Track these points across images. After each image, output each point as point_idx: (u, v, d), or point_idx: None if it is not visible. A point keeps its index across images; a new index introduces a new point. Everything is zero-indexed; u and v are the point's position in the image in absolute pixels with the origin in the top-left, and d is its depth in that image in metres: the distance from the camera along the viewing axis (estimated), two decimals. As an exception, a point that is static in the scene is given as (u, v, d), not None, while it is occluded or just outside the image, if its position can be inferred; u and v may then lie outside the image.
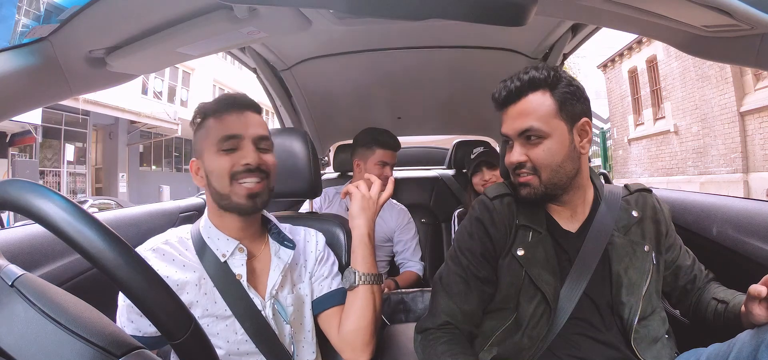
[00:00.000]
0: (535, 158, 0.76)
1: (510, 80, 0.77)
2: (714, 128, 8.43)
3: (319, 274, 0.86)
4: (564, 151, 0.75)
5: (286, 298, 0.79)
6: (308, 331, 0.83)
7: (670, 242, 0.84)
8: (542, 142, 0.75)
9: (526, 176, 0.77)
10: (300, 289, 0.83)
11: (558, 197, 0.79)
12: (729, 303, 0.76)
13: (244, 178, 0.74)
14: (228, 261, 0.75)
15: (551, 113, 0.75)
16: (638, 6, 0.56)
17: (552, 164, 0.75)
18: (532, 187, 0.77)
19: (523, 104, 0.76)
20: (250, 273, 0.78)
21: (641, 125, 11.17)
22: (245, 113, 0.77)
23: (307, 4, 0.61)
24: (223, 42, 0.71)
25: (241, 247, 0.77)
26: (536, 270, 0.76)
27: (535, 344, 0.75)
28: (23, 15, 0.67)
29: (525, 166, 0.77)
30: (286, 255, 0.81)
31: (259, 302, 0.76)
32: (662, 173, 10.21)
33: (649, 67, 10.64)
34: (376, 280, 0.82)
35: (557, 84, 0.75)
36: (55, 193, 0.37)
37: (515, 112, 0.77)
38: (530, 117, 0.75)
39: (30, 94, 0.64)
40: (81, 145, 11.02)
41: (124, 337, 0.35)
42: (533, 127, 0.75)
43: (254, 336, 0.74)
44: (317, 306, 0.84)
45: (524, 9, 0.48)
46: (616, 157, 12.34)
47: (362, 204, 0.86)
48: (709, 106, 8.47)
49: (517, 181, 0.79)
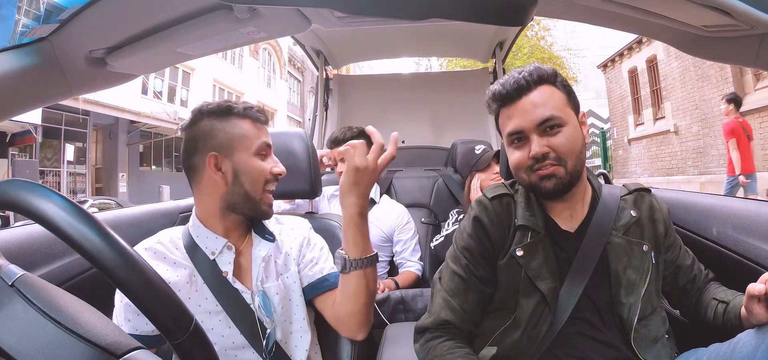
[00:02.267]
0: (559, 146, 0.74)
1: (516, 74, 0.77)
2: (714, 128, 8.42)
3: (307, 260, 0.86)
4: (580, 139, 0.77)
5: (270, 289, 0.80)
6: (301, 319, 0.83)
7: (670, 242, 0.84)
8: (561, 130, 0.75)
9: (551, 167, 0.74)
10: (286, 279, 0.83)
11: (570, 191, 0.78)
12: (729, 303, 0.76)
13: (271, 186, 0.81)
14: (217, 259, 0.78)
15: (563, 102, 0.76)
16: (638, 6, 0.56)
17: (575, 151, 0.75)
18: (558, 177, 0.74)
19: (536, 95, 0.76)
20: (238, 268, 0.80)
21: (641, 125, 11.17)
22: (266, 126, 0.83)
23: (307, 3, 0.61)
24: (223, 42, 0.71)
25: (230, 245, 0.79)
26: (535, 270, 0.76)
27: (535, 344, 0.75)
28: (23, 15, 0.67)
29: (548, 157, 0.74)
30: (266, 248, 0.82)
31: (247, 296, 0.77)
32: (662, 173, 10.21)
33: (649, 67, 10.64)
34: (368, 263, 0.77)
35: (558, 78, 0.78)
36: (55, 193, 0.37)
37: (529, 104, 0.75)
38: (548, 106, 0.75)
39: (30, 94, 0.64)
40: (81, 145, 11.02)
41: (124, 337, 0.35)
42: (554, 116, 0.74)
43: (245, 329, 0.76)
44: (310, 291, 0.85)
45: (524, 9, 0.48)
46: (616, 157, 12.34)
47: (355, 177, 0.73)
48: (709, 106, 8.47)
49: (538, 175, 0.75)
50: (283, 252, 0.85)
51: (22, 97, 0.62)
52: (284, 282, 0.83)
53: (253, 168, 0.78)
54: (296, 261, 0.85)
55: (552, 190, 0.75)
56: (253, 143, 0.78)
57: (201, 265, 0.77)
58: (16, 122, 8.19)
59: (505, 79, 0.78)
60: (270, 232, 0.85)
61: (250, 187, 0.78)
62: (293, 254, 0.85)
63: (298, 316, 0.83)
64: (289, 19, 0.66)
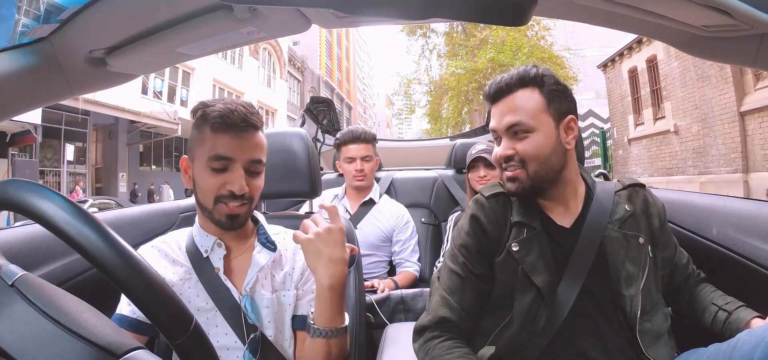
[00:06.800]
0: (522, 151, 0.78)
1: (501, 76, 0.81)
2: (714, 128, 8.43)
3: (304, 289, 0.83)
4: (550, 145, 0.78)
5: (262, 299, 0.78)
6: (287, 338, 0.81)
7: (665, 238, 0.84)
8: (529, 135, 0.78)
9: (514, 170, 0.79)
10: (283, 296, 0.81)
11: (546, 191, 0.81)
12: (731, 313, 0.76)
13: (227, 201, 0.74)
14: (210, 256, 0.79)
15: (539, 108, 0.78)
16: (638, 6, 0.56)
17: (539, 157, 0.78)
18: (519, 180, 0.79)
19: (512, 100, 0.79)
20: (231, 269, 0.80)
21: (641, 125, 11.17)
22: (243, 134, 0.74)
23: (307, 3, 0.61)
24: (223, 42, 0.71)
25: (219, 243, 0.80)
26: (530, 264, 0.77)
27: (533, 339, 0.75)
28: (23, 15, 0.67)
29: (513, 160, 0.79)
30: (265, 257, 0.81)
31: (237, 296, 0.77)
32: (662, 173, 10.22)
33: (649, 67, 10.64)
34: (333, 335, 0.70)
35: (545, 82, 0.79)
36: (55, 193, 0.37)
37: (504, 107, 0.80)
38: (518, 112, 0.78)
39: (30, 94, 0.64)
40: (81, 145, 11.02)
41: (124, 337, 0.35)
42: (521, 122, 0.78)
43: (233, 327, 0.76)
44: (294, 322, 0.82)
45: (524, 9, 0.48)
46: (617, 156, 12.34)
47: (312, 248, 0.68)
48: (709, 106, 8.47)
49: (505, 175, 0.81)
50: (284, 270, 0.83)
51: (22, 97, 0.63)
52: (280, 299, 0.81)
53: (202, 179, 0.75)
54: (296, 285, 0.83)
55: (514, 191, 0.80)
56: (205, 153, 0.73)
57: (198, 264, 0.79)
58: (16, 122, 8.19)
59: (492, 80, 0.83)
60: (272, 242, 0.83)
61: (202, 198, 0.76)
62: (294, 276, 0.83)
63: (289, 328, 0.81)
64: (289, 19, 0.66)
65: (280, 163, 0.87)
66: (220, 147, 0.73)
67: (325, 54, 28.90)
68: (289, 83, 21.28)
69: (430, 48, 17.11)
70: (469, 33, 15.18)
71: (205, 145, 0.74)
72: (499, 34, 13.62)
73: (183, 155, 0.80)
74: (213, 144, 0.73)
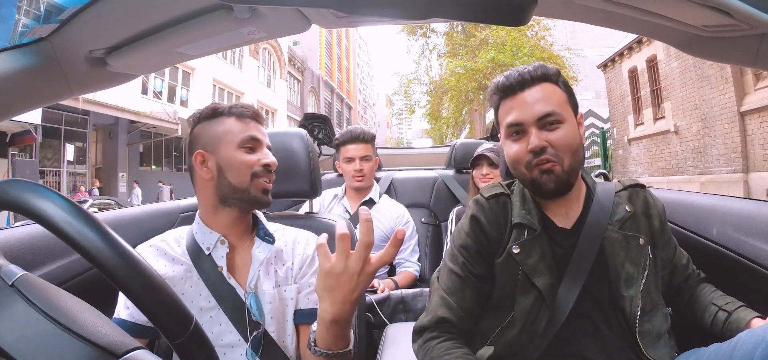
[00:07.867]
0: (557, 142, 0.75)
1: (521, 69, 0.79)
2: (714, 128, 8.42)
3: (305, 282, 0.84)
4: (578, 139, 0.77)
5: (264, 294, 0.80)
6: (289, 334, 0.82)
7: (666, 239, 0.84)
8: (560, 126, 0.76)
9: (549, 163, 0.75)
10: (284, 291, 0.82)
11: (565, 192, 0.78)
12: (731, 314, 0.76)
13: (263, 177, 0.82)
14: (212, 253, 0.80)
15: (564, 101, 0.78)
16: (638, 6, 0.56)
17: (572, 148, 0.76)
18: (555, 173, 0.74)
19: (539, 90, 0.77)
20: (234, 267, 0.81)
21: (641, 125, 11.17)
22: (260, 123, 0.86)
23: (307, 3, 0.61)
24: (223, 42, 0.71)
25: (223, 240, 0.81)
26: (531, 267, 0.76)
27: (533, 341, 0.75)
28: (23, 15, 0.67)
29: (546, 152, 0.74)
30: (265, 250, 0.83)
31: (241, 293, 0.78)
32: (662, 173, 10.21)
33: (649, 67, 10.64)
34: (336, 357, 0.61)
35: (560, 78, 0.80)
36: (55, 193, 0.37)
37: (531, 97, 0.76)
38: (549, 101, 0.76)
39: (30, 94, 0.64)
40: (81, 145, 11.02)
41: (123, 337, 0.35)
42: (554, 111, 0.75)
43: (237, 325, 0.76)
44: (297, 315, 0.83)
45: (524, 9, 0.48)
46: (617, 156, 12.34)
47: (326, 283, 0.54)
48: (709, 106, 8.47)
49: (536, 170, 0.75)
50: (285, 264, 0.84)
51: (22, 97, 0.62)
52: (281, 294, 0.82)
53: (237, 160, 0.80)
54: (296, 279, 0.84)
55: (553, 189, 0.75)
56: (236, 137, 0.81)
57: (198, 261, 0.79)
58: (16, 122, 8.19)
59: (509, 73, 0.80)
60: (270, 235, 0.85)
61: (235, 179, 0.80)
62: (294, 270, 0.84)
63: (291, 323, 0.82)
64: (289, 19, 0.66)
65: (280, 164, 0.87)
66: (251, 130, 0.83)
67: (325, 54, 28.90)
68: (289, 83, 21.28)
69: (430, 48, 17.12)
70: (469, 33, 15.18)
71: (231, 132, 0.81)
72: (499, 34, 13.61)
73: (197, 150, 0.82)
74: (243, 128, 0.82)
